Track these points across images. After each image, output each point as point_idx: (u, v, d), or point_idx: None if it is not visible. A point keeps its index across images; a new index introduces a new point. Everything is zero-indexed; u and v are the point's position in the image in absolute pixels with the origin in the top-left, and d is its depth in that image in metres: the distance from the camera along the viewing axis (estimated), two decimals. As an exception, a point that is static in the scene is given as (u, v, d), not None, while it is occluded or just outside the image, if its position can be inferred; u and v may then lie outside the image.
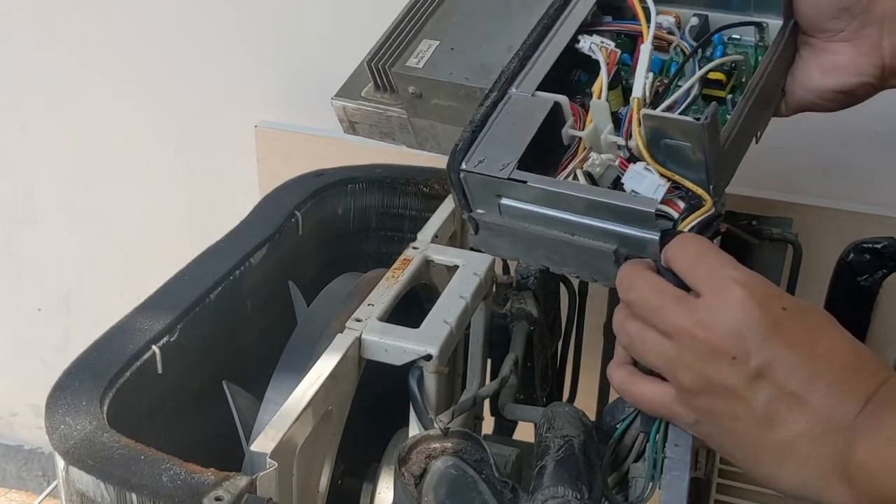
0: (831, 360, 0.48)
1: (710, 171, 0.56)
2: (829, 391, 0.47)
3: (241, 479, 0.49)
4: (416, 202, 0.85)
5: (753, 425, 0.49)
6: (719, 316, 0.49)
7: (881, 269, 0.79)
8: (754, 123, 0.64)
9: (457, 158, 0.61)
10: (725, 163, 0.59)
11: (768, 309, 0.49)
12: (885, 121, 1.00)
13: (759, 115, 0.64)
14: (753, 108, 0.62)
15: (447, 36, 0.74)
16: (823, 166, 1.04)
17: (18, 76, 1.36)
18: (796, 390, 0.48)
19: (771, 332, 0.48)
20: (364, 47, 0.80)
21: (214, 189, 1.34)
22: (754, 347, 0.48)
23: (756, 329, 0.48)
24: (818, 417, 0.47)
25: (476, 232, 0.63)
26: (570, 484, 0.51)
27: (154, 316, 0.62)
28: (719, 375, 0.49)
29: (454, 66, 0.71)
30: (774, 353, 0.48)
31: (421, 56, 0.73)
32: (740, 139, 0.61)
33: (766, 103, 0.65)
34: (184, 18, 1.24)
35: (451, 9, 0.76)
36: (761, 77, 0.62)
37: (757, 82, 0.62)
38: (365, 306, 0.65)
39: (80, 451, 0.51)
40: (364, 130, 0.78)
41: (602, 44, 0.64)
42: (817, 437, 0.47)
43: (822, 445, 0.47)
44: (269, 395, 0.61)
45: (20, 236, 1.50)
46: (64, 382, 0.56)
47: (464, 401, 0.61)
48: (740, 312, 0.49)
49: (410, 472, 0.55)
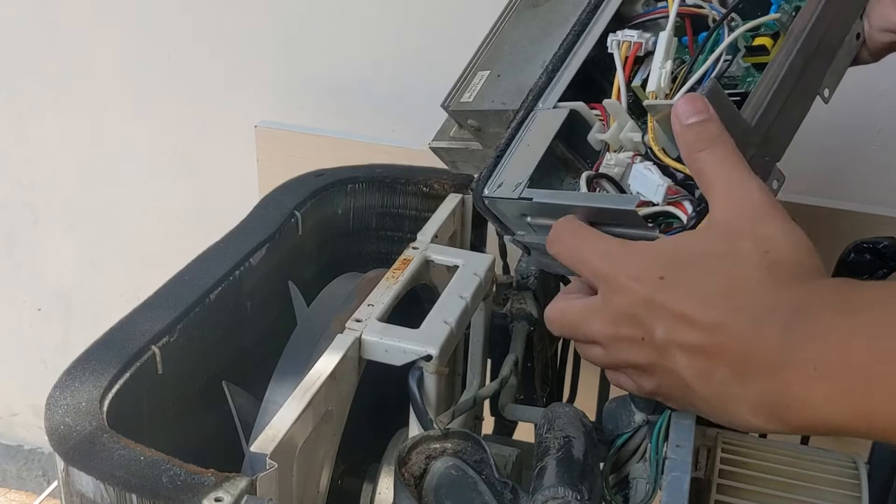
0: (732, 296, 0.46)
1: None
2: (739, 331, 0.45)
3: (241, 479, 0.49)
4: (416, 202, 0.85)
5: (687, 389, 0.48)
6: (610, 308, 0.50)
7: (881, 269, 0.79)
8: (812, 81, 0.59)
9: (479, 186, 0.61)
10: (764, 135, 0.55)
11: (646, 282, 0.48)
12: (887, 120, 1.00)
13: (818, 69, 0.59)
14: (802, 63, 0.57)
15: (496, 65, 0.74)
16: (823, 166, 1.04)
17: (18, 76, 1.36)
18: (703, 344, 0.46)
19: (655, 304, 0.48)
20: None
21: (214, 189, 1.34)
22: (651, 324, 0.48)
23: (641, 305, 0.48)
24: (736, 361, 0.45)
25: (528, 254, 0.63)
26: (570, 484, 0.51)
27: (154, 316, 0.62)
28: (637, 358, 0.50)
29: (497, 94, 0.70)
30: (668, 321, 0.47)
31: (473, 89, 0.73)
32: (791, 103, 0.57)
33: (826, 55, 0.59)
34: (184, 18, 1.24)
35: (503, 39, 0.76)
36: (807, 25, 0.57)
37: (801, 32, 0.57)
38: (365, 306, 0.64)
39: (80, 452, 0.51)
40: (463, 167, 0.79)
41: (624, 38, 0.61)
42: (743, 379, 0.45)
43: (752, 384, 0.45)
44: (269, 396, 0.61)
45: (20, 236, 1.50)
46: (63, 383, 0.56)
47: (464, 401, 0.61)
48: (622, 299, 0.49)
49: (410, 473, 0.55)
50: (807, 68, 0.57)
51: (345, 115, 1.23)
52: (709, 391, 0.47)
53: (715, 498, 0.59)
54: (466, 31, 1.14)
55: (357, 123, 1.22)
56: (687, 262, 0.48)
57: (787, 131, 0.57)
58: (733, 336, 0.45)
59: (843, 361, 0.42)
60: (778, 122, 0.56)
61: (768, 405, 0.45)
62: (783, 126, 0.57)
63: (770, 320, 0.45)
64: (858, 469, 0.62)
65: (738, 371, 0.45)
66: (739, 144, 0.53)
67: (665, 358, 0.48)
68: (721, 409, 0.47)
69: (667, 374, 0.49)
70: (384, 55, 1.19)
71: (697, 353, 0.47)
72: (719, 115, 0.52)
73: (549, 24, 0.71)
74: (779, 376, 0.44)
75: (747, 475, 0.60)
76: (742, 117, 0.55)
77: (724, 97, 0.54)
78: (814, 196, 1.01)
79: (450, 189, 0.83)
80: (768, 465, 0.61)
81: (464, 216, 0.83)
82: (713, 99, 0.53)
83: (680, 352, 0.47)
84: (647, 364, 0.50)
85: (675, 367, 0.48)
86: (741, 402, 0.46)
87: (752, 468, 0.61)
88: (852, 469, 0.62)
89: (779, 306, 0.45)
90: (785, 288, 0.46)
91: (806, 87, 0.58)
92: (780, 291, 0.45)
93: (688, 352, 0.47)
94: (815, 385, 0.43)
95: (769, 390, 0.44)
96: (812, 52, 0.58)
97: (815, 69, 0.58)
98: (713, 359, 0.46)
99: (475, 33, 1.14)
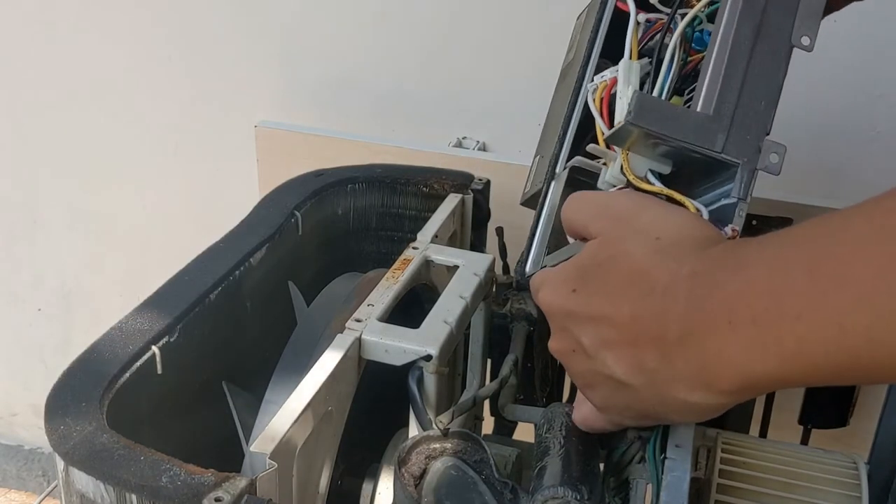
0: (637, 285, 0.48)
1: (695, 139, 0.54)
2: (651, 313, 0.47)
3: (241, 479, 0.49)
4: (415, 202, 0.85)
5: (627, 390, 0.49)
6: (552, 327, 0.53)
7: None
8: (777, 37, 0.57)
9: (520, 268, 0.64)
10: (734, 116, 0.55)
11: (563, 298, 0.51)
12: (886, 121, 1.00)
13: (779, 24, 0.57)
14: (751, 29, 0.56)
15: (542, 147, 0.74)
16: (823, 166, 1.04)
17: (18, 76, 1.36)
18: (625, 336, 0.48)
19: (575, 315, 0.50)
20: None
21: (214, 189, 1.34)
22: (577, 334, 0.50)
23: (566, 318, 0.51)
24: (658, 342, 0.46)
25: None
26: (570, 485, 0.51)
27: (154, 316, 0.62)
28: (579, 367, 0.52)
29: (540, 175, 0.71)
30: (589, 326, 0.49)
31: (531, 176, 0.74)
32: (756, 72, 0.56)
33: (782, 5, 0.58)
34: (184, 18, 1.24)
35: (548, 118, 0.76)
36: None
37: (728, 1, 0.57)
38: (365, 306, 0.64)
39: (80, 452, 0.51)
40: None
41: (600, 80, 0.63)
42: (669, 358, 0.46)
43: (678, 360, 0.46)
44: (269, 396, 0.61)
45: (20, 236, 1.50)
46: (63, 383, 0.56)
47: (464, 401, 0.61)
48: (554, 317, 0.52)
49: (410, 473, 0.55)
50: (760, 30, 0.57)
51: (345, 115, 1.23)
52: (645, 384, 0.48)
53: (715, 498, 0.59)
54: (466, 31, 1.15)
55: (357, 123, 1.22)
56: (590, 271, 0.50)
57: (766, 100, 0.57)
58: (648, 320, 0.47)
59: (747, 309, 0.42)
60: (748, 96, 0.56)
61: (699, 376, 0.45)
62: (757, 97, 0.56)
63: (674, 294, 0.46)
64: (858, 469, 0.62)
65: (662, 352, 0.46)
66: (705, 135, 0.54)
67: (598, 363, 0.50)
68: (664, 400, 0.48)
69: (605, 382, 0.50)
70: (384, 55, 1.19)
71: (622, 347, 0.48)
72: (658, 123, 0.54)
73: (568, 88, 0.72)
74: (696, 342, 0.45)
75: (747, 475, 0.60)
76: (695, 112, 0.55)
77: (657, 108, 0.54)
78: (814, 197, 1.00)
79: (450, 189, 0.83)
80: (768, 465, 0.61)
81: (464, 216, 0.83)
82: (643, 115, 0.53)
83: (607, 352, 0.49)
84: (586, 372, 0.51)
85: (609, 371, 0.49)
86: (677, 383, 0.46)
87: (752, 468, 0.61)
88: (852, 469, 0.62)
89: (678, 278, 0.46)
90: (682, 262, 0.47)
91: (770, 47, 0.57)
92: (680, 266, 0.47)
93: (614, 349, 0.48)
94: (730, 340, 0.43)
95: (694, 359, 0.45)
96: (759, 11, 0.57)
97: (775, 25, 0.57)
98: (638, 348, 0.47)
99: (475, 33, 1.15)
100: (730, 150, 0.55)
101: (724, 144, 0.54)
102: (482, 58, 1.15)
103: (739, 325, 0.43)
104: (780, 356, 0.42)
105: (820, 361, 0.41)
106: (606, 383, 0.50)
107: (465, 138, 1.19)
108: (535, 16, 1.11)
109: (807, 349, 0.41)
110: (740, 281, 0.43)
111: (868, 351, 0.39)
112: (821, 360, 0.41)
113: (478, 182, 0.84)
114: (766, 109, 0.56)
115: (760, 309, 0.42)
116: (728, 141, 0.55)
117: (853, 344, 0.39)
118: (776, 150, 0.56)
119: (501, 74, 1.15)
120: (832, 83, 1.01)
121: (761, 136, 0.56)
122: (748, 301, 0.43)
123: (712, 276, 0.45)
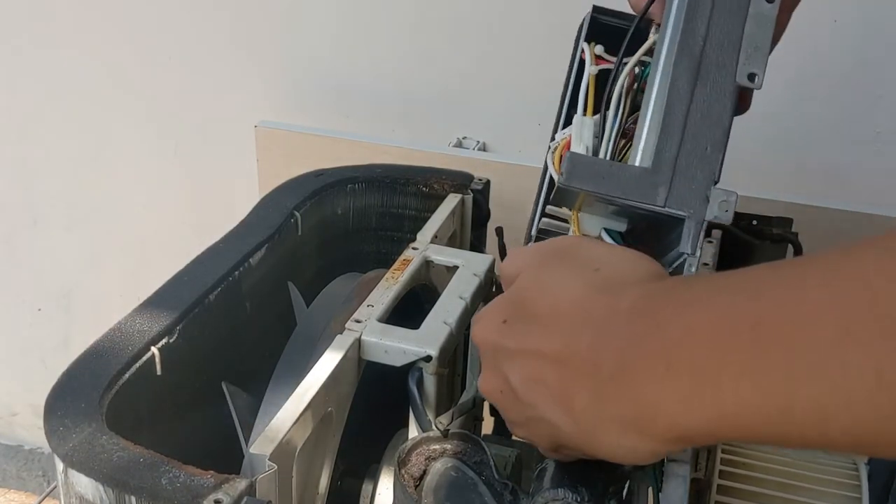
0: (571, 316, 0.45)
1: (635, 195, 0.51)
2: (585, 346, 0.43)
3: (241, 481, 0.49)
4: (415, 202, 0.85)
5: (557, 430, 0.46)
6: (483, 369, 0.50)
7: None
8: (718, 79, 0.54)
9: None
10: (675, 167, 0.52)
11: (491, 331, 0.48)
12: (886, 121, 1.00)
13: (720, 64, 0.54)
14: (688, 74, 0.53)
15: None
16: (823, 166, 1.04)
17: (18, 76, 1.36)
18: (555, 373, 0.44)
19: (503, 350, 0.47)
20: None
21: (214, 189, 1.34)
22: (505, 371, 0.47)
23: (493, 354, 0.48)
24: (590, 378, 0.43)
25: None
26: (569, 487, 0.51)
27: (153, 317, 0.62)
28: (507, 410, 0.49)
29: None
30: (518, 361, 0.46)
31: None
32: (698, 118, 0.53)
33: (721, 46, 0.54)
34: (184, 18, 1.24)
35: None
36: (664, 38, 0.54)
37: (661, 50, 0.54)
38: (364, 307, 0.64)
39: (79, 454, 0.51)
40: None
41: (559, 139, 0.61)
42: (602, 397, 0.43)
43: (612, 401, 0.42)
44: (269, 397, 0.61)
45: (20, 236, 1.50)
46: (63, 384, 0.56)
47: (463, 402, 0.61)
48: (483, 355, 0.50)
49: (410, 474, 0.55)
50: (700, 71, 0.54)
51: (345, 115, 1.23)
52: (574, 423, 0.44)
53: (715, 499, 0.59)
54: (466, 31, 1.15)
55: (357, 123, 1.22)
56: (523, 302, 0.47)
57: (711, 144, 0.53)
58: (581, 354, 0.43)
59: (688, 357, 0.39)
60: (690, 143, 0.53)
61: (632, 420, 0.42)
62: (700, 142, 0.53)
63: (612, 328, 0.43)
64: (858, 470, 0.62)
65: (595, 390, 0.43)
66: (645, 190, 0.51)
67: (525, 405, 0.47)
68: (595, 442, 0.44)
69: (536, 423, 0.47)
70: (384, 55, 1.19)
71: (551, 384, 0.45)
72: (593, 182, 0.51)
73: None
74: (633, 384, 0.41)
75: (747, 476, 0.60)
76: (633, 166, 0.53)
77: (592, 166, 0.52)
78: (814, 196, 1.01)
79: (449, 189, 0.83)
80: (768, 466, 0.61)
81: (463, 216, 0.83)
82: (575, 175, 0.51)
83: (535, 390, 0.46)
84: (516, 414, 0.49)
85: (537, 413, 0.46)
86: (608, 424, 0.43)
87: (752, 469, 0.61)
88: (852, 470, 0.62)
89: (617, 312, 0.43)
90: (621, 296, 0.44)
91: (713, 88, 0.53)
92: (619, 300, 0.43)
93: (541, 387, 0.45)
94: (667, 386, 0.40)
95: (628, 401, 0.42)
96: (697, 51, 0.54)
97: (716, 64, 0.54)
98: (569, 384, 0.44)
99: (475, 33, 1.15)
100: (673, 202, 0.51)
101: (665, 198, 0.51)
102: (482, 58, 1.15)
103: (677, 373, 0.39)
104: (718, 413, 0.38)
105: (760, 425, 0.38)
106: (538, 425, 0.47)
107: (465, 138, 1.19)
108: (536, 16, 1.10)
109: (747, 411, 0.38)
110: (682, 325, 0.40)
111: (816, 422, 0.36)
112: (761, 425, 0.38)
113: (477, 182, 0.84)
114: (713, 154, 0.52)
115: (701, 359, 0.39)
116: (671, 194, 0.51)
117: (800, 415, 0.36)
118: (726, 198, 0.51)
119: (501, 74, 1.15)
120: (832, 83, 1.01)
121: (708, 185, 0.52)
122: (689, 348, 0.39)
123: (653, 315, 0.42)
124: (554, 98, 0.65)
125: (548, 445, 0.49)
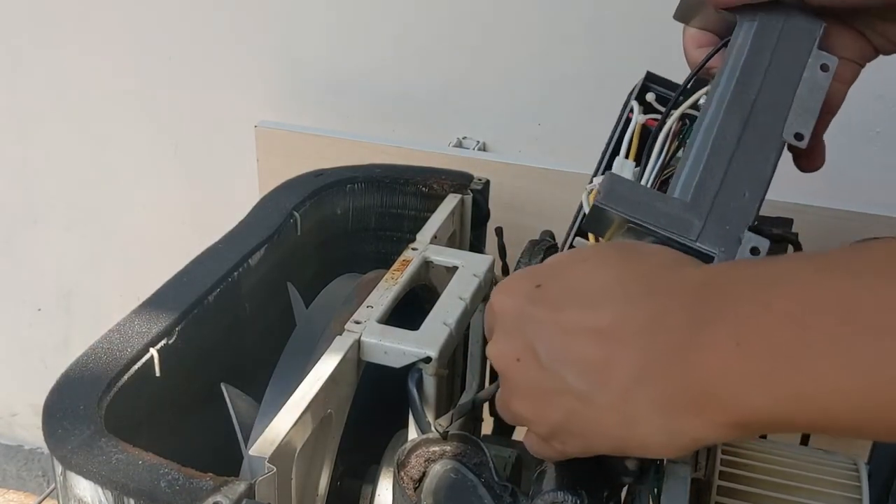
0: (626, 285, 0.42)
1: (668, 225, 0.51)
2: (643, 315, 0.41)
3: (240, 483, 0.49)
4: (415, 202, 0.85)
5: (578, 407, 0.43)
6: (489, 337, 0.48)
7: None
8: (766, 132, 0.55)
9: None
10: (713, 204, 0.52)
11: (518, 295, 0.45)
12: (886, 122, 1.00)
13: (769, 120, 0.55)
14: (739, 122, 0.55)
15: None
16: (823, 167, 1.04)
17: (18, 76, 1.35)
18: (598, 341, 0.42)
19: (528, 316, 0.44)
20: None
21: (214, 189, 1.34)
22: (530, 338, 0.44)
23: (516, 318, 0.45)
24: (641, 351, 0.40)
25: None
26: (569, 489, 0.51)
27: (152, 318, 0.62)
28: (521, 379, 0.46)
29: None
30: (549, 327, 0.43)
31: None
32: (741, 163, 0.54)
33: (774, 103, 0.56)
34: (184, 18, 1.24)
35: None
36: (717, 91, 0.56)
37: (712, 99, 0.56)
38: (364, 308, 0.64)
39: (78, 456, 0.51)
40: None
41: (596, 182, 0.60)
42: (648, 373, 0.40)
43: (661, 377, 0.40)
44: (268, 398, 0.61)
45: (20, 236, 1.50)
46: (61, 387, 0.56)
47: (463, 403, 0.61)
48: (502, 310, 0.47)
49: (409, 476, 0.55)
50: (749, 121, 0.55)
51: (345, 115, 1.23)
52: (610, 400, 0.41)
53: (715, 499, 0.59)
54: (466, 31, 1.15)
55: (357, 123, 1.22)
56: (567, 266, 0.45)
57: (750, 191, 0.54)
58: (632, 326, 0.41)
59: (763, 334, 0.37)
60: (731, 186, 0.53)
61: (687, 399, 0.39)
62: (740, 187, 0.54)
63: (678, 300, 0.40)
64: (859, 470, 0.62)
65: (644, 366, 0.40)
66: (679, 223, 0.51)
67: (551, 375, 0.43)
68: (628, 421, 0.41)
69: (553, 399, 0.44)
70: (384, 55, 1.18)
71: (592, 356, 0.42)
72: (629, 207, 0.51)
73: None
74: (695, 360, 0.39)
75: (747, 476, 0.60)
76: (671, 197, 0.53)
77: (630, 190, 0.52)
78: (814, 197, 1.00)
79: (449, 189, 0.83)
80: (768, 466, 0.61)
81: (463, 216, 0.83)
82: (613, 197, 0.51)
83: (570, 361, 0.42)
84: (531, 387, 0.45)
85: (565, 384, 0.43)
86: (653, 404, 0.40)
87: (752, 469, 0.61)
88: (852, 470, 0.62)
89: (684, 285, 0.41)
90: (689, 274, 0.41)
91: (759, 138, 0.55)
92: (685, 276, 0.41)
93: (580, 359, 0.42)
94: (736, 363, 0.38)
95: (686, 378, 0.39)
96: (749, 103, 0.55)
97: (765, 117, 0.55)
98: (613, 357, 0.41)
99: (475, 33, 1.14)
100: (705, 239, 0.51)
101: (699, 233, 0.51)
102: (482, 58, 1.15)
103: (749, 350, 0.38)
104: (793, 393, 0.37)
105: (837, 408, 0.36)
106: (554, 400, 0.44)
107: (465, 138, 1.19)
108: (536, 16, 1.10)
109: (825, 392, 0.36)
110: (759, 301, 0.38)
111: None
112: (838, 407, 0.36)
113: (477, 182, 0.83)
114: (751, 200, 0.53)
115: (778, 336, 0.37)
116: (704, 230, 0.51)
117: (885, 398, 0.35)
118: (758, 244, 0.51)
119: (501, 74, 1.15)
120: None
121: (742, 228, 0.52)
122: (765, 325, 0.38)
123: (726, 291, 0.40)
124: (554, 98, 0.65)
125: (546, 430, 0.46)
